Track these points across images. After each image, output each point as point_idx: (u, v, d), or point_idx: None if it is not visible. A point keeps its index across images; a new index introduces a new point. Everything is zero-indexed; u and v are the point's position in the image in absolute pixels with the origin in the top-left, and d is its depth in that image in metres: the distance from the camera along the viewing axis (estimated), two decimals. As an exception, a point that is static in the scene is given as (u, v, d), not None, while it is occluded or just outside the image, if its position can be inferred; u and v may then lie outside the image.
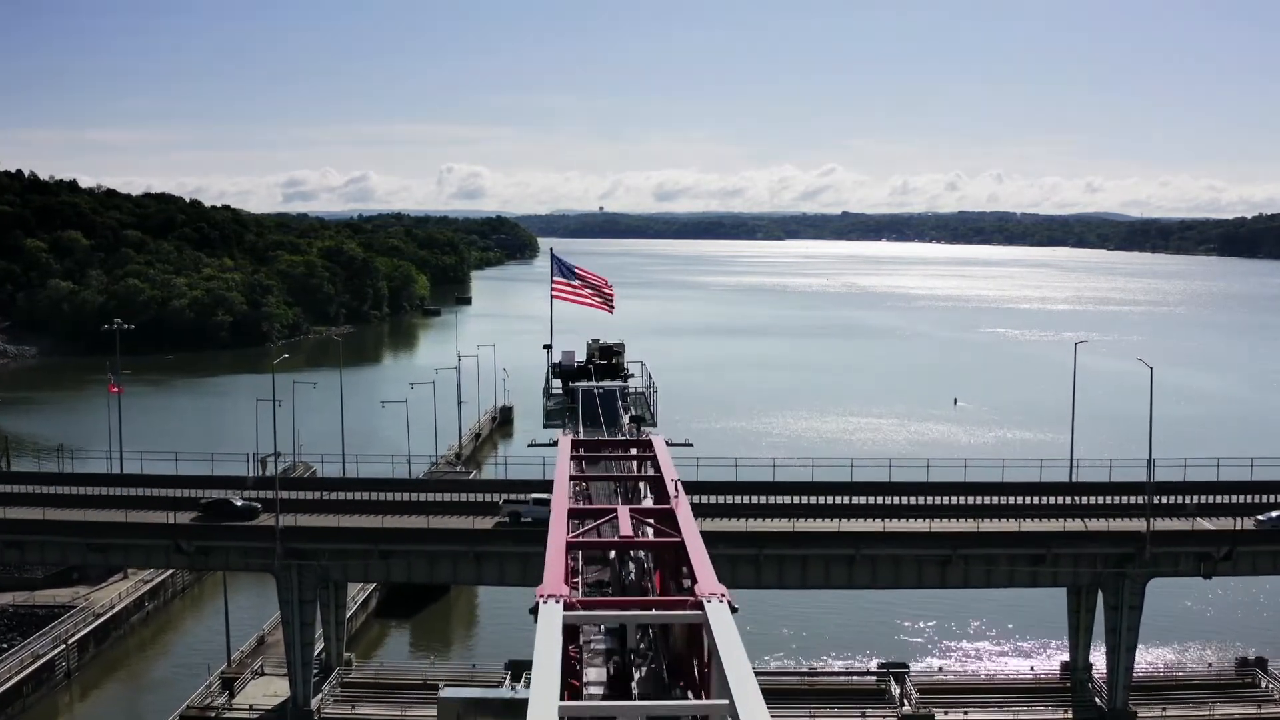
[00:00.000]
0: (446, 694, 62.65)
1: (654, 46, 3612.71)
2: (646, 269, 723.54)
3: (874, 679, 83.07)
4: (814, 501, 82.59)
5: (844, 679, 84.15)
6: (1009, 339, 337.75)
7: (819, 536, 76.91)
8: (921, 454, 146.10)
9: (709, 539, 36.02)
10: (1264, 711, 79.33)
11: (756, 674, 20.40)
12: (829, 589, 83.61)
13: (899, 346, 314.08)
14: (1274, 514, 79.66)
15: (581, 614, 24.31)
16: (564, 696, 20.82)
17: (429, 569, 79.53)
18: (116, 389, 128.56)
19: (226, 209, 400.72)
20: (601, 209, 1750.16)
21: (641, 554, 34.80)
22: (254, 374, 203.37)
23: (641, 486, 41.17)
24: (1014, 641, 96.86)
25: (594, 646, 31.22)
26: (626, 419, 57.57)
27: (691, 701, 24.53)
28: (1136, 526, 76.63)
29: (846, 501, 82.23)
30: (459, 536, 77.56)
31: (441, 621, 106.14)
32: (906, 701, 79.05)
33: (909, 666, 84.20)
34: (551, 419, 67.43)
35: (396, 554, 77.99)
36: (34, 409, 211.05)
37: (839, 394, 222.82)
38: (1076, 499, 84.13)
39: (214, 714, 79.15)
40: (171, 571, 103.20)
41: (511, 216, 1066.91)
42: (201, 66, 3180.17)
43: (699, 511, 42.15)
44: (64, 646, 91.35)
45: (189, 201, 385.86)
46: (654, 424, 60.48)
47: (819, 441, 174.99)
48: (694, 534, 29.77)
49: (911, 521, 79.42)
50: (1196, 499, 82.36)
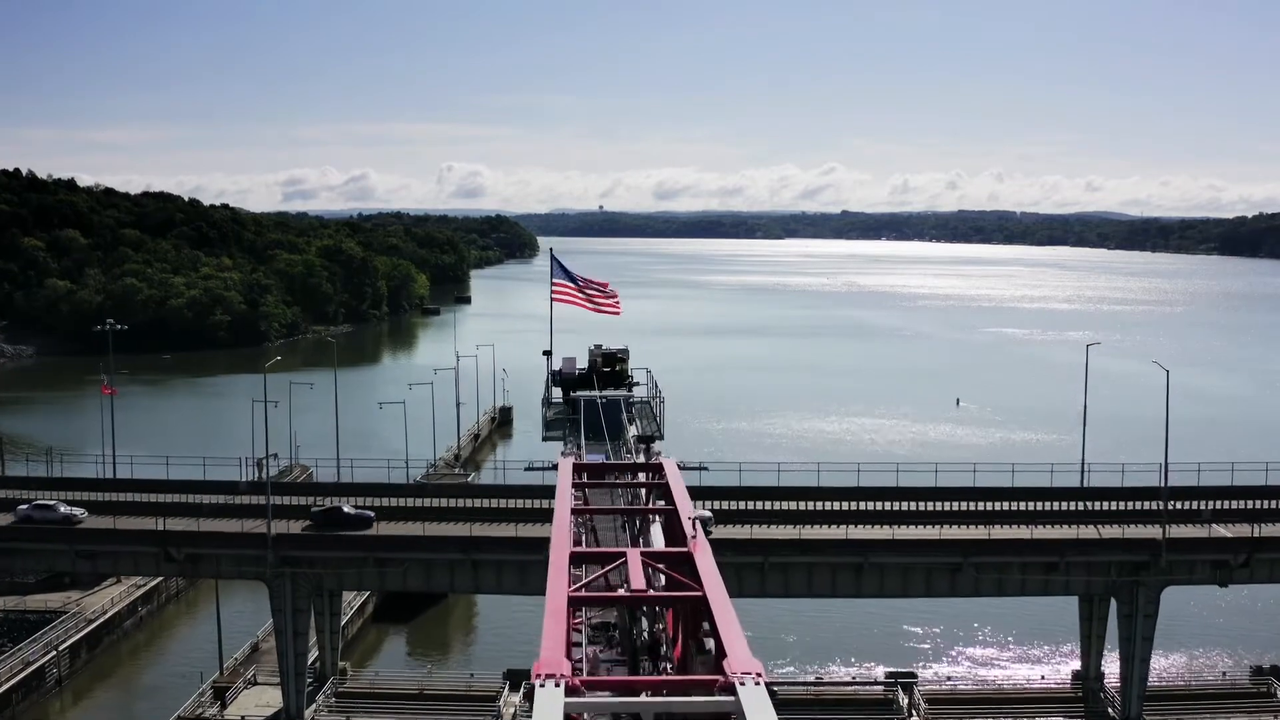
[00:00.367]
0: None
1: (654, 45, 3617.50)
2: (646, 268, 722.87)
3: (881, 688, 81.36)
4: (820, 507, 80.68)
5: (851, 689, 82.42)
6: (1010, 339, 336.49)
7: (826, 544, 74.96)
8: (926, 456, 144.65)
9: (713, 546, 33.87)
10: (1280, 722, 77.67)
11: None
12: (836, 598, 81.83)
13: (900, 346, 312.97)
14: None
15: (587, 700, 22.16)
16: None
17: (425, 577, 77.50)
18: (110, 390, 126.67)
19: (225, 208, 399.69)
20: (601, 208, 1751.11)
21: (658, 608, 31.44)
22: (252, 374, 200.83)
23: (653, 530, 37.93)
24: (1023, 648, 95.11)
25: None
26: (632, 432, 55.36)
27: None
28: (1151, 533, 74.78)
29: (853, 507, 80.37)
30: (456, 544, 75.42)
31: (439, 627, 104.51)
32: (915, 712, 77.38)
33: (917, 675, 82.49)
34: (551, 430, 65.37)
35: (392, 562, 76.13)
36: (30, 409, 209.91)
37: (841, 394, 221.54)
38: (1089, 504, 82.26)
39: (205, 725, 77.64)
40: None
41: (511, 215, 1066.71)
42: (201, 65, 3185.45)
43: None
44: (55, 653, 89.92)
45: (187, 200, 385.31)
46: (661, 436, 58.33)
47: (822, 442, 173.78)
48: (718, 586, 26.82)
49: (920, 528, 77.62)
50: (1211, 504, 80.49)
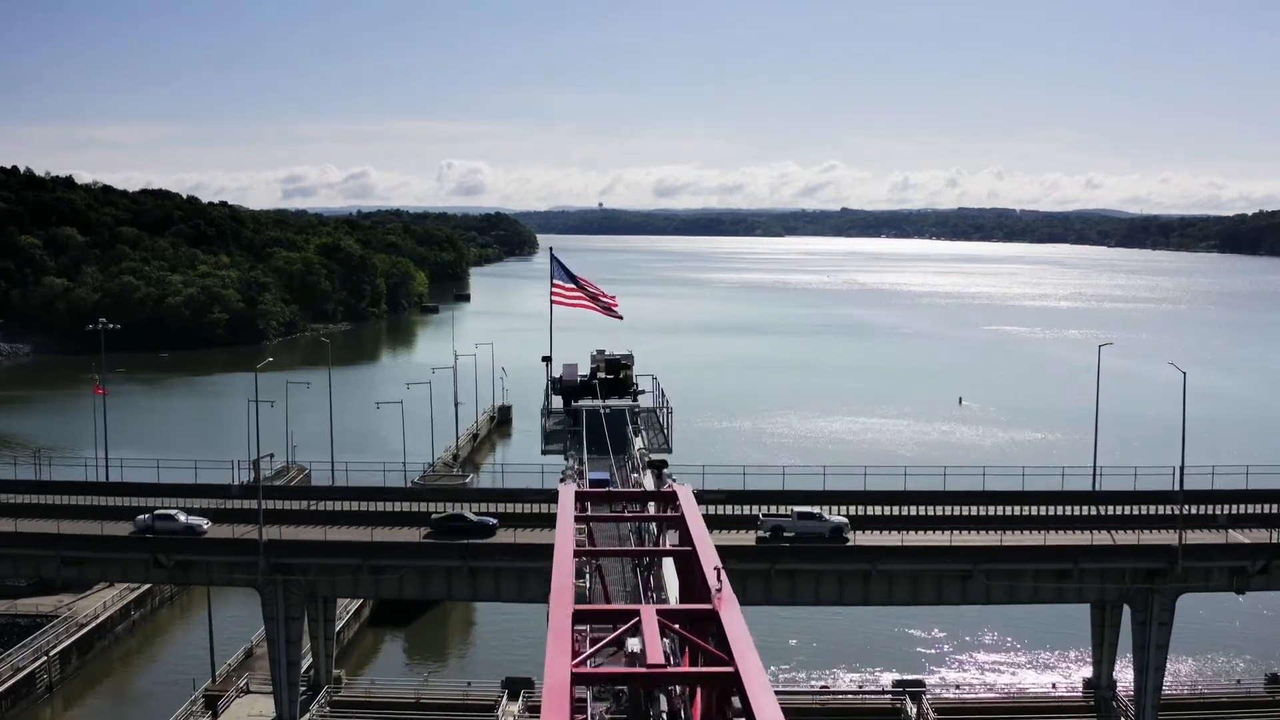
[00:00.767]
0: None
1: (654, 43, 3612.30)
2: (646, 266, 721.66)
3: (889, 698, 79.35)
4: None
5: (857, 698, 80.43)
6: (1011, 337, 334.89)
7: (833, 551, 73.07)
8: (931, 456, 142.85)
9: (719, 552, 31.22)
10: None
11: None
12: (843, 605, 79.85)
13: (900, 344, 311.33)
14: None
15: None
16: None
17: (421, 584, 75.41)
18: (102, 391, 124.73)
19: (223, 205, 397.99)
20: (601, 205, 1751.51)
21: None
22: (249, 373, 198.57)
23: (667, 576, 33.96)
24: (1033, 656, 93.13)
25: None
26: (638, 444, 52.92)
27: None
28: (1167, 539, 72.97)
29: (860, 512, 78.47)
30: (453, 550, 73.51)
31: (437, 632, 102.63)
32: (923, 722, 75.40)
33: (925, 684, 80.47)
34: (551, 443, 62.78)
35: (387, 569, 74.08)
36: (25, 408, 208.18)
37: (842, 393, 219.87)
38: (1102, 509, 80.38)
39: (196, 734, 75.96)
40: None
41: (511, 213, 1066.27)
42: (202, 62, 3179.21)
43: (707, 522, 37.86)
44: (45, 659, 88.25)
45: (185, 198, 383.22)
46: (669, 450, 56.04)
47: (825, 442, 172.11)
48: (751, 656, 22.72)
49: (930, 534, 75.82)
50: (1227, 509, 78.65)
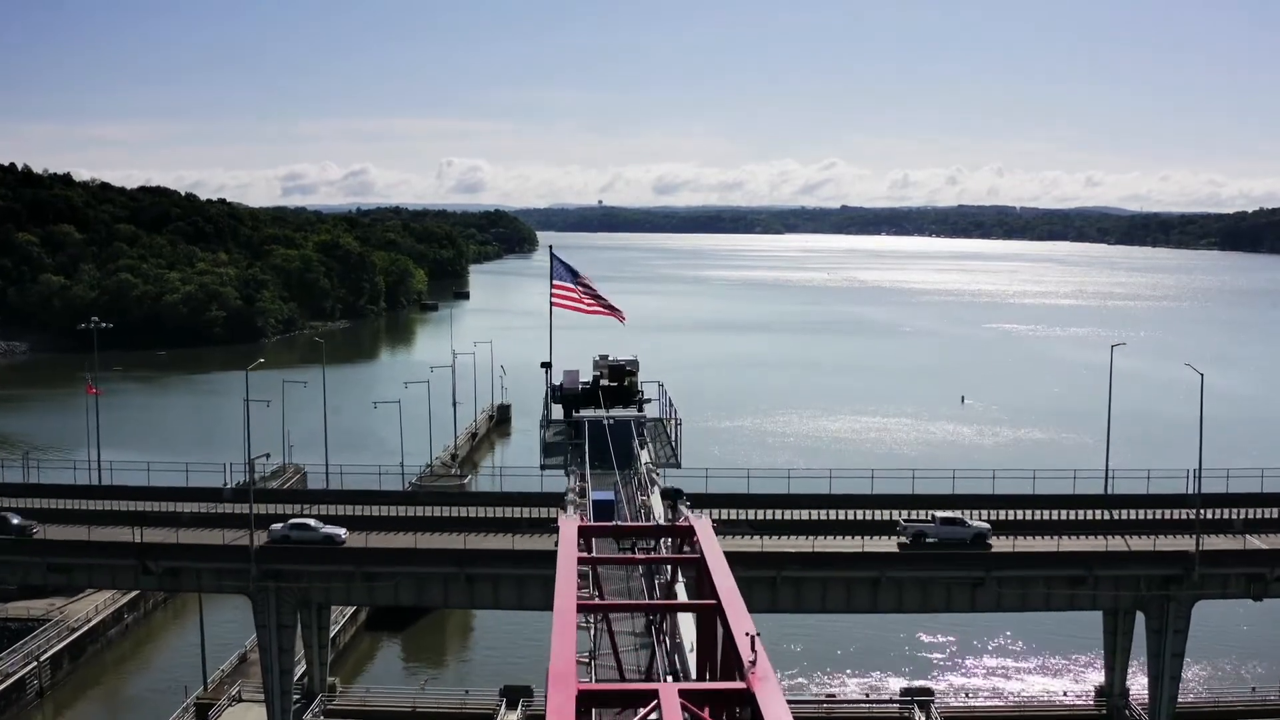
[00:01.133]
0: None
1: (654, 40, 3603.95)
2: (646, 263, 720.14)
3: (897, 706, 77.51)
4: (833, 517, 77.03)
5: (865, 706, 78.59)
6: (1012, 335, 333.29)
7: (841, 557, 71.16)
8: (936, 457, 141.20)
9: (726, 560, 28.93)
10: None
11: None
12: (851, 613, 77.93)
13: (901, 342, 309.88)
14: None
15: None
16: None
17: (417, 591, 73.28)
18: (95, 390, 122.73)
19: (222, 203, 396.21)
20: (601, 203, 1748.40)
21: None
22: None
23: (683, 630, 30.77)
24: (1044, 662, 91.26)
25: None
26: (644, 458, 50.56)
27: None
28: (1182, 545, 71.09)
29: (868, 517, 76.65)
30: (450, 556, 71.48)
31: (434, 636, 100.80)
32: (932, 731, 73.59)
33: (933, 692, 78.63)
34: (550, 456, 60.23)
35: (382, 575, 72.06)
36: (21, 407, 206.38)
37: (843, 391, 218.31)
38: (1115, 514, 78.50)
39: (188, 744, 74.29)
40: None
41: (511, 210, 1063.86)
42: (202, 60, 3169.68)
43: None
44: (36, 664, 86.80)
45: (183, 195, 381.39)
46: (678, 464, 53.88)
47: (829, 442, 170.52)
48: None
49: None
50: (1244, 514, 76.81)
